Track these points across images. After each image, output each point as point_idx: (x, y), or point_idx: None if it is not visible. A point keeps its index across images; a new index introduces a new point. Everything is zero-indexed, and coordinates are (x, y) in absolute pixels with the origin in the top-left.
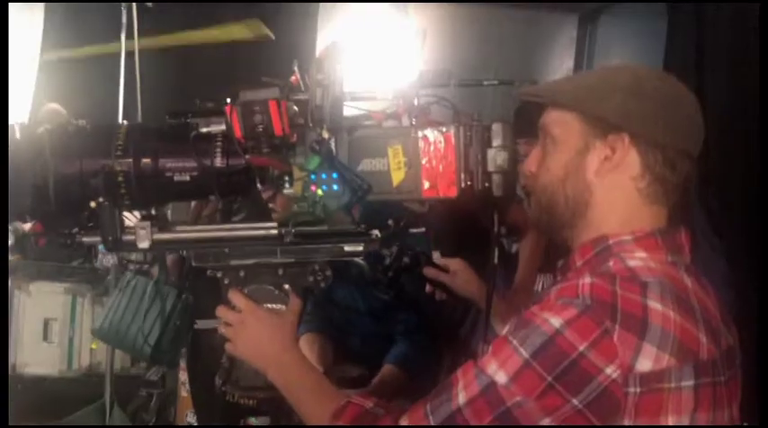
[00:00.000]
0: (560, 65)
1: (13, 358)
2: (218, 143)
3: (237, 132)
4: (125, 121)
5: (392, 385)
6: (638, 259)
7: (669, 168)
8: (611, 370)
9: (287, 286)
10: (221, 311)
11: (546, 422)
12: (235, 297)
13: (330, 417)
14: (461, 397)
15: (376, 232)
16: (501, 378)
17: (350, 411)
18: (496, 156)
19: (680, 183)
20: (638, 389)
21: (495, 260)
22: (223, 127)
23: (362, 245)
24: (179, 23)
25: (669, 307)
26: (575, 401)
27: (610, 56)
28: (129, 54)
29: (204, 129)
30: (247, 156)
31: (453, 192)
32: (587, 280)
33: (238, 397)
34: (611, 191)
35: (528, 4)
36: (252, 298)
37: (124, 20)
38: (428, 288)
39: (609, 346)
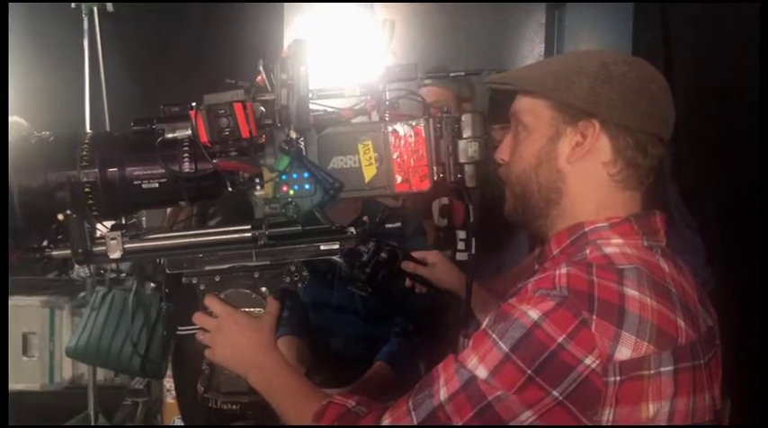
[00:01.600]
0: (531, 50)
1: None
2: (185, 148)
3: (203, 137)
4: (89, 130)
5: (381, 382)
6: (614, 246)
7: (641, 153)
8: (590, 361)
9: (264, 289)
10: (198, 318)
11: (527, 414)
12: (211, 302)
13: (312, 418)
14: (443, 393)
15: (351, 229)
16: (481, 372)
17: (332, 411)
18: (468, 148)
19: (652, 167)
20: (618, 378)
21: (473, 250)
22: (189, 132)
23: (338, 243)
24: (142, 26)
25: (646, 293)
26: (555, 393)
27: (579, 39)
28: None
29: (170, 135)
30: (215, 161)
31: (426, 186)
32: (563, 270)
33: (221, 403)
34: (584, 177)
35: None
36: (229, 303)
37: (86, 26)
38: (407, 282)
39: (587, 336)
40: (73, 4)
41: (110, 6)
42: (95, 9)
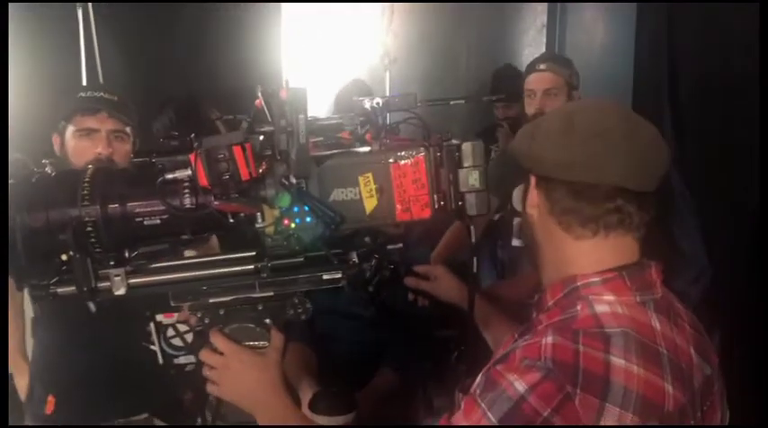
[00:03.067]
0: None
1: None
2: (186, 185)
3: (203, 181)
4: (90, 166)
5: (386, 388)
6: (605, 303)
7: (573, 200)
8: None
9: (268, 321)
10: (204, 355)
11: None
12: (217, 339)
13: None
14: None
15: (354, 258)
16: None
17: None
18: (468, 176)
19: (608, 213)
20: None
21: (475, 269)
22: (189, 172)
23: (341, 271)
24: (135, 28)
25: (633, 361)
26: None
27: (581, 34)
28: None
29: (170, 176)
30: (216, 203)
31: (427, 214)
32: (549, 339)
33: None
34: (545, 231)
35: None
36: (233, 338)
37: (81, 29)
38: (410, 296)
39: (571, 411)
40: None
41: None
42: (91, 10)
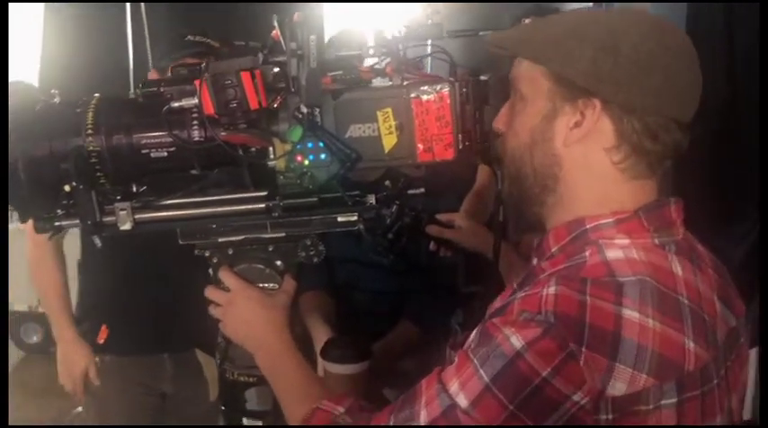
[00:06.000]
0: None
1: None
2: (194, 115)
3: (209, 109)
4: (96, 94)
5: (405, 340)
6: (618, 248)
7: (649, 138)
8: (579, 397)
9: (279, 263)
10: (210, 291)
11: None
12: (225, 275)
13: (301, 420)
14: (423, 416)
15: (371, 200)
16: (462, 401)
17: (317, 417)
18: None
19: (666, 154)
20: (611, 416)
21: (501, 217)
22: (195, 100)
23: (357, 214)
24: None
25: (648, 313)
26: None
27: None
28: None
29: (176, 104)
30: (223, 134)
31: (450, 155)
32: (552, 289)
33: (237, 375)
34: (582, 164)
35: None
36: (242, 277)
37: None
38: (432, 245)
39: (575, 371)
40: None
41: None
42: None
